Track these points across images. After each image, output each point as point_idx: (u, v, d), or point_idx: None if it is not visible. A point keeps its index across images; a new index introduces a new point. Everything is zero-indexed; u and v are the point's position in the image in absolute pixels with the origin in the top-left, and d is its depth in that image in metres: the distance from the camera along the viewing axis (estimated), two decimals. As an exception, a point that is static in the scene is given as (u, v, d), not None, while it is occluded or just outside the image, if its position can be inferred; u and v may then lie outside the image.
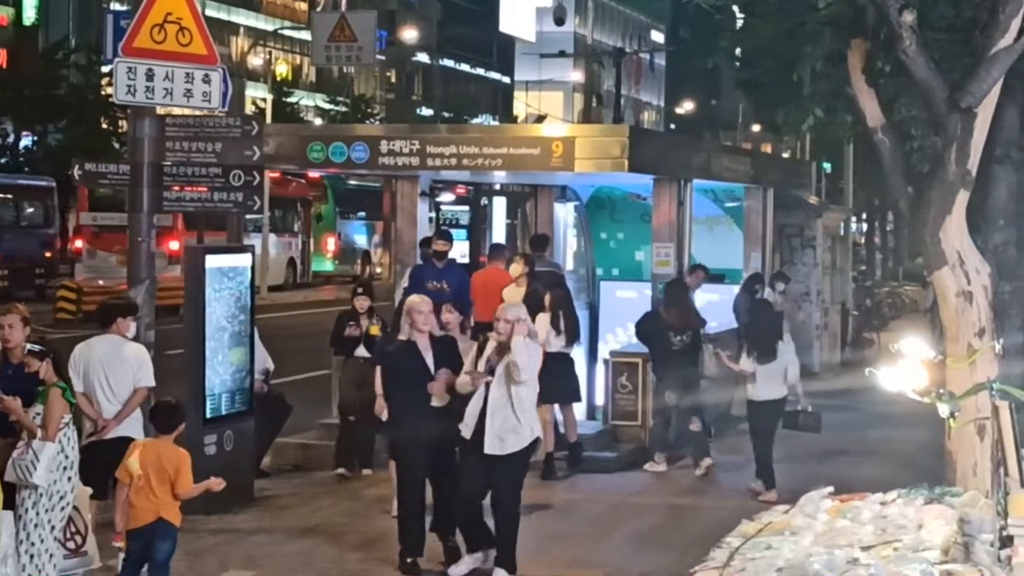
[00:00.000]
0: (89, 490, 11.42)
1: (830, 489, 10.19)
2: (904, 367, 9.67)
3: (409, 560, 12.17)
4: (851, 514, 9.40)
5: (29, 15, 60.41)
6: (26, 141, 52.55)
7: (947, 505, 9.37)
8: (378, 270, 48.41)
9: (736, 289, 22.18)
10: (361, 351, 15.78)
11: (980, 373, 10.32)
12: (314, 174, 47.19)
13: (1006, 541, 8.55)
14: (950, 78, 10.79)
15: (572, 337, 17.05)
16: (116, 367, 12.22)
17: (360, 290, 16.58)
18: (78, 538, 10.89)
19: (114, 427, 12.17)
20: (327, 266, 54.94)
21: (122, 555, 10.54)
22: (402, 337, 12.49)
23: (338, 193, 54.17)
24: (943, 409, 9.64)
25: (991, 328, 10.82)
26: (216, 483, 10.47)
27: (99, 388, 12.20)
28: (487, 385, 11.82)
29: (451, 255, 18.33)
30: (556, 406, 16.49)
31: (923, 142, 14.08)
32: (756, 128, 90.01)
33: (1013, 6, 10.30)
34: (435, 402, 12.07)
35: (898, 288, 45.84)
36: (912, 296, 43.29)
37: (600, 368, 18.97)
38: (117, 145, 48.71)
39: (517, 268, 17.20)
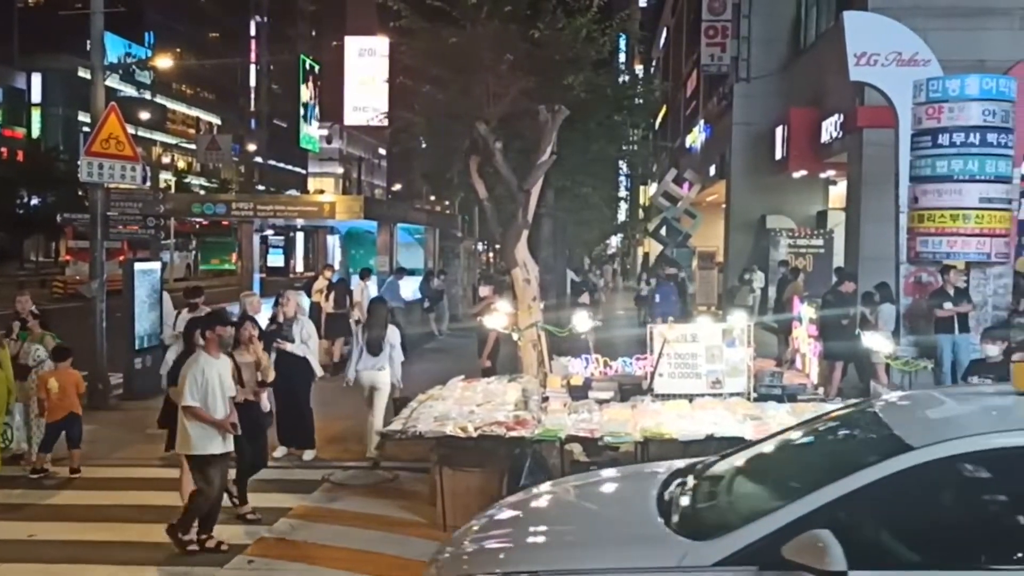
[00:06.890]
0: None
1: (462, 376, 10.28)
2: (497, 315, 9.94)
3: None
4: (471, 390, 9.51)
5: (35, 131, 56.50)
6: (35, 201, 48.71)
7: (517, 382, 9.62)
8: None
9: (419, 279, 22.35)
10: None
11: (533, 318, 10.58)
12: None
13: (544, 399, 8.89)
14: (520, 174, 10.97)
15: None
16: None
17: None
18: None
19: None
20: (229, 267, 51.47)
21: None
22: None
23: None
24: (515, 335, 9.94)
25: (537, 296, 11.09)
26: None
27: None
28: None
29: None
30: None
31: (507, 205, 14.40)
32: (432, 197, 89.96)
33: (546, 140, 10.59)
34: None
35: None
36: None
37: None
38: (87, 204, 45.40)
39: (329, 274, 16.27)
